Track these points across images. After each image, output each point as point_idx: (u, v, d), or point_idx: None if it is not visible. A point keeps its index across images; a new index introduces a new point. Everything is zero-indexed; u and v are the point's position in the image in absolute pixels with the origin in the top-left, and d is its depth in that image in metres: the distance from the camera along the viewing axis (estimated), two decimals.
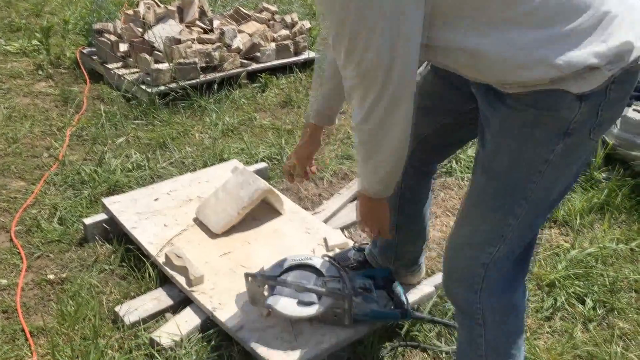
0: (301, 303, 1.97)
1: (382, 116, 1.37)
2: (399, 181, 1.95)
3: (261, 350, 1.94)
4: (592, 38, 1.27)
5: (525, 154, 1.42)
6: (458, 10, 1.29)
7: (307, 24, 4.77)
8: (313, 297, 1.98)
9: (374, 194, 1.61)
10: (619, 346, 2.13)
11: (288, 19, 4.76)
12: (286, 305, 1.96)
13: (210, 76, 4.13)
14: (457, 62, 1.41)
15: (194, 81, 4.04)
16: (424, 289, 2.24)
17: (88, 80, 4.29)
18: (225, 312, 2.09)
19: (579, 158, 1.46)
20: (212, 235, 2.47)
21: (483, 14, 1.29)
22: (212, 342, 2.05)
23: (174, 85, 3.98)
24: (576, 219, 2.79)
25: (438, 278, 2.26)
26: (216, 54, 4.15)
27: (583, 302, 2.32)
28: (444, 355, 2.07)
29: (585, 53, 1.26)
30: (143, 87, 3.94)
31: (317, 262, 2.07)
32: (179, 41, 4.09)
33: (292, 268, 2.06)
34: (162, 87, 3.94)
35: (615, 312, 2.29)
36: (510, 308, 1.59)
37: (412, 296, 2.18)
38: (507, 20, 1.28)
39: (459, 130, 1.79)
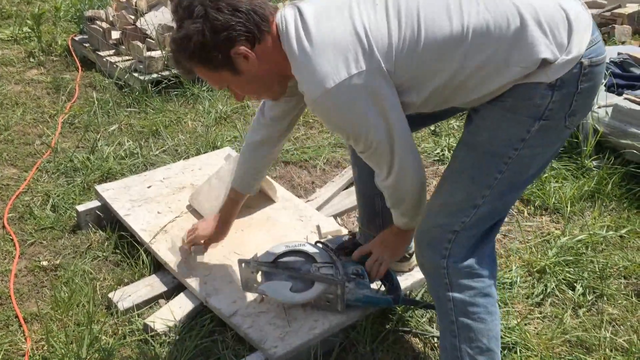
0: (294, 289, 1.98)
1: (397, 171, 1.65)
2: None
3: (254, 335, 1.95)
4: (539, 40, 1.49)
5: (503, 131, 1.58)
6: (421, 83, 1.57)
7: None
8: (306, 283, 1.99)
9: (404, 225, 1.86)
10: (608, 331, 2.16)
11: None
12: (279, 290, 1.98)
13: None
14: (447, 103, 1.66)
15: None
16: (415, 275, 2.26)
17: (80, 67, 4.27)
18: (219, 298, 2.10)
19: (553, 143, 1.63)
20: None
21: (446, 77, 1.55)
22: (206, 327, 2.07)
23: (166, 73, 3.97)
24: (567, 207, 2.82)
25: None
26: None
27: (573, 288, 2.35)
28: (435, 340, 2.09)
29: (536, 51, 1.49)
30: (135, 75, 3.92)
31: (310, 248, 2.08)
32: (172, 29, 4.07)
33: (285, 254, 2.07)
34: (154, 75, 3.93)
35: (605, 298, 2.32)
36: (475, 273, 1.68)
37: (405, 282, 2.19)
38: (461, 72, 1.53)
39: (438, 118, 2.08)
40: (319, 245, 2.12)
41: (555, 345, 2.09)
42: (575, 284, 2.36)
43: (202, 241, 2.25)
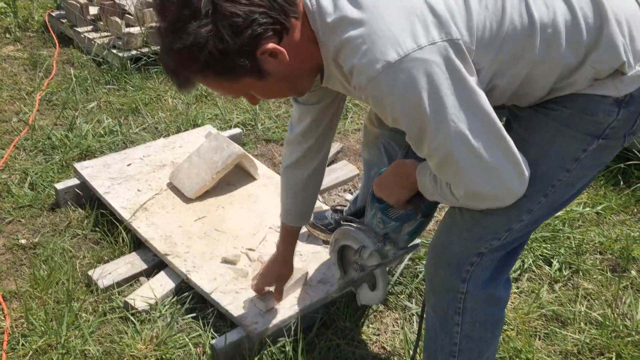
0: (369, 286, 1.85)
1: (491, 189, 1.31)
2: (399, 158, 1.90)
3: (235, 311, 1.96)
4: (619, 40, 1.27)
5: (555, 150, 1.35)
6: (498, 72, 1.29)
7: None
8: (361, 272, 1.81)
9: (426, 192, 1.48)
10: (583, 305, 2.20)
11: None
12: (368, 295, 1.83)
13: None
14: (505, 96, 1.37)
15: None
16: None
17: (57, 44, 4.19)
18: (200, 274, 2.11)
19: (604, 162, 1.43)
20: (186, 200, 2.47)
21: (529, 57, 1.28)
22: (187, 305, 2.07)
23: (146, 50, 3.91)
24: None
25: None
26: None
27: (550, 264, 2.39)
28: (415, 316, 2.12)
29: (617, 53, 1.26)
30: (114, 51, 3.87)
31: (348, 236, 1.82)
32: (150, 4, 4.01)
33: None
34: (133, 52, 3.88)
35: (581, 273, 2.36)
36: (493, 299, 1.51)
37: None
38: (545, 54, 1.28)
39: None
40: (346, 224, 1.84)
41: (531, 319, 2.13)
42: (552, 260, 2.40)
43: (272, 287, 1.99)
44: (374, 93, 1.20)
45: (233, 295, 2.02)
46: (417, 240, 2.26)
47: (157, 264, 2.24)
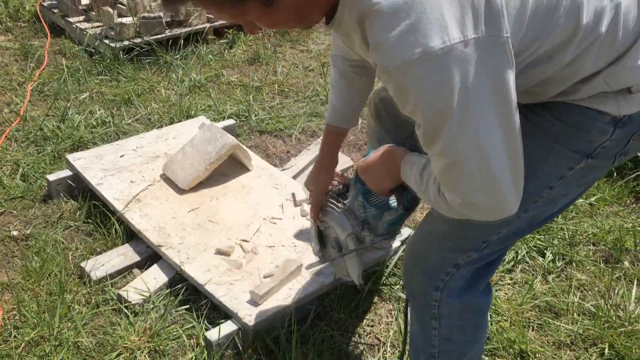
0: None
1: (489, 202, 1.20)
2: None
3: (229, 303, 1.96)
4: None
5: (541, 166, 1.29)
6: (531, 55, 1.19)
7: None
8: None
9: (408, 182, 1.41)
10: (576, 296, 2.21)
11: None
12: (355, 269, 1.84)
13: (176, 31, 4.05)
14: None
15: (159, 36, 3.95)
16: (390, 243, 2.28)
17: (49, 34, 4.15)
18: (194, 266, 2.10)
19: (591, 181, 1.37)
20: (180, 191, 2.46)
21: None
22: (180, 296, 2.07)
23: (138, 40, 3.88)
24: None
25: (404, 233, 2.29)
26: (182, 8, 4.04)
27: (543, 255, 2.40)
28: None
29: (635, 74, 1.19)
30: (106, 41, 3.83)
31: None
32: None
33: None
34: (126, 42, 3.85)
35: (574, 265, 2.37)
36: (468, 308, 1.50)
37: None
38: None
39: None
40: (330, 204, 1.84)
41: (524, 310, 2.13)
42: (545, 251, 2.41)
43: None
44: (401, 79, 1.05)
45: (227, 287, 2.02)
46: (405, 231, 2.27)
47: (150, 255, 2.23)
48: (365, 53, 1.20)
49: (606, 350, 1.99)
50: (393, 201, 1.66)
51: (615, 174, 2.88)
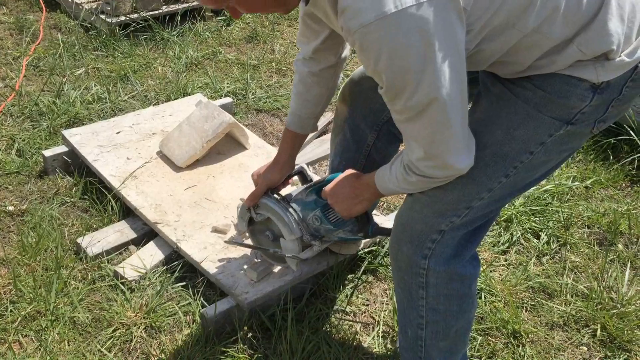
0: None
1: (443, 151, 1.31)
2: (368, 142, 1.89)
3: (225, 281, 1.96)
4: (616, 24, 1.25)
5: (521, 132, 1.35)
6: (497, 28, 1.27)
7: None
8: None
9: (385, 192, 1.53)
10: (569, 278, 2.23)
11: None
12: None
13: (173, 7, 4.00)
14: (487, 63, 1.36)
15: (156, 12, 3.91)
16: (385, 224, 2.28)
17: (44, 8, 4.10)
18: (190, 243, 2.10)
19: (572, 148, 1.42)
20: (177, 168, 2.45)
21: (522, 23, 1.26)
22: (177, 274, 2.07)
23: (135, 15, 3.84)
24: None
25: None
26: None
27: (538, 237, 2.41)
28: None
29: (607, 41, 1.24)
30: (102, 17, 3.79)
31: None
32: None
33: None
34: (122, 18, 3.80)
35: (568, 247, 2.38)
36: (455, 275, 1.52)
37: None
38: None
39: None
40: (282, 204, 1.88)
41: (518, 291, 2.15)
42: (540, 233, 2.42)
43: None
44: (362, 40, 1.18)
45: (223, 265, 2.02)
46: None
47: (146, 232, 2.23)
48: (332, 22, 1.32)
49: (598, 332, 2.01)
50: (353, 224, 1.77)
51: (611, 157, 2.89)
